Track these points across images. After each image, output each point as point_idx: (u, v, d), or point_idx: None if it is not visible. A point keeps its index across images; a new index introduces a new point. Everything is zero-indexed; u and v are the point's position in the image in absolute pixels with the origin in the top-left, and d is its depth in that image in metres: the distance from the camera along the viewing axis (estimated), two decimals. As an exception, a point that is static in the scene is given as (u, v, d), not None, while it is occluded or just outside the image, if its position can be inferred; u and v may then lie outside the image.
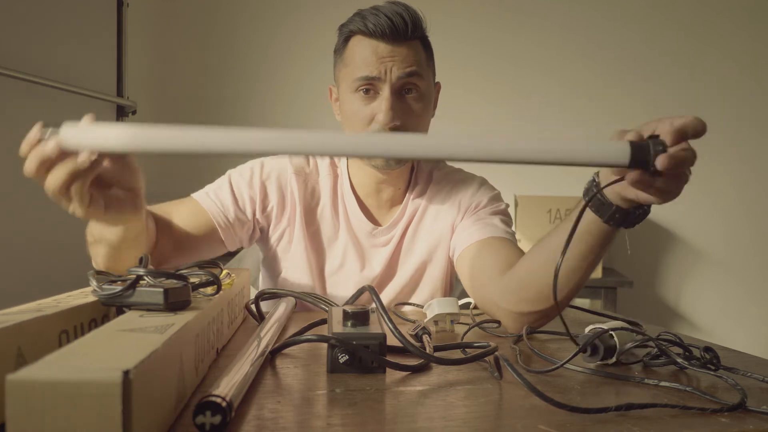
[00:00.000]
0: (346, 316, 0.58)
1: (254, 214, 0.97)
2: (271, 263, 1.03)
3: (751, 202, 2.46)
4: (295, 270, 1.00)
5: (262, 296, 0.79)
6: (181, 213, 0.93)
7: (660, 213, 2.49)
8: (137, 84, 2.22)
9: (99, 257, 0.75)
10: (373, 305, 0.64)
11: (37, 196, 1.80)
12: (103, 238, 0.72)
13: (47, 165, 0.56)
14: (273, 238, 1.00)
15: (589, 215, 0.65)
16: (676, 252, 2.51)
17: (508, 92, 2.51)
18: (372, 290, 0.67)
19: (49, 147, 0.55)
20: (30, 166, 0.57)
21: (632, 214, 0.63)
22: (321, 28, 2.58)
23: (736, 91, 2.47)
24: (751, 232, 2.47)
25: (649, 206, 0.63)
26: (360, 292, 0.80)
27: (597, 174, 0.65)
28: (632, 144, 0.53)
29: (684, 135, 0.55)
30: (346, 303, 0.82)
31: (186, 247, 0.92)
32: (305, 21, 2.55)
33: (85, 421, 0.29)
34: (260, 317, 0.75)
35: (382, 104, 0.88)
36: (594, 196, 0.63)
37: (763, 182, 2.46)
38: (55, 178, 0.56)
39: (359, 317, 0.58)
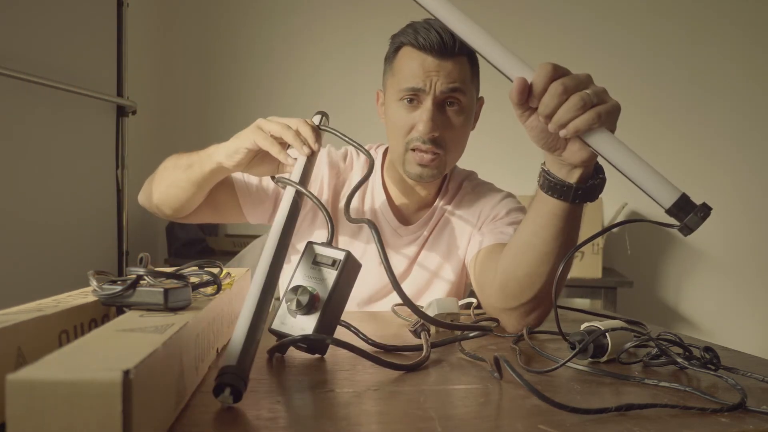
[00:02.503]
0: (290, 307, 0.57)
1: (277, 196, 1.00)
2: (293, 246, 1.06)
3: (751, 202, 2.46)
4: None
5: None
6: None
7: (660, 213, 2.49)
8: (137, 84, 2.22)
9: (174, 184, 0.90)
10: None
11: (37, 195, 1.81)
12: (202, 174, 0.86)
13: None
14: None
15: (552, 201, 0.68)
16: (676, 252, 2.51)
17: (507, 95, 2.51)
18: (371, 225, 0.65)
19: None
20: (290, 132, 0.73)
21: (593, 186, 0.67)
22: (322, 28, 2.58)
23: (736, 91, 2.47)
24: (750, 232, 2.47)
25: (603, 173, 0.68)
26: (364, 221, 0.76)
27: (544, 163, 0.69)
28: (682, 196, 0.57)
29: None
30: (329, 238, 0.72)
31: (211, 203, 0.97)
32: (306, 21, 2.56)
33: (85, 421, 0.29)
34: None
35: (423, 114, 0.91)
36: (558, 186, 0.67)
37: (763, 182, 2.47)
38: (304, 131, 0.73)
39: (303, 308, 0.57)
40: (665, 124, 2.49)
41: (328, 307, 0.58)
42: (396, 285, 0.61)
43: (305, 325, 0.57)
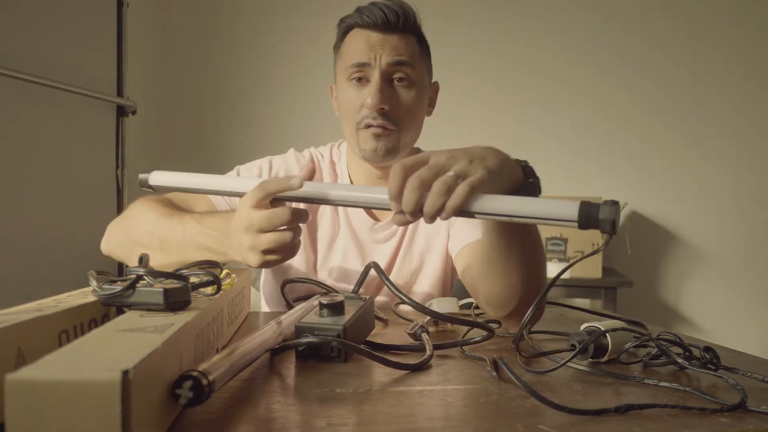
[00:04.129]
0: (322, 306, 0.61)
1: None
2: None
3: (751, 202, 2.46)
4: (297, 267, 1.01)
5: (285, 285, 0.84)
6: (198, 207, 0.94)
7: (660, 213, 2.49)
8: (137, 84, 2.22)
9: (159, 257, 0.81)
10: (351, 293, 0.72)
11: (37, 195, 1.80)
12: (185, 256, 0.78)
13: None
14: None
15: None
16: (676, 252, 2.51)
17: (507, 96, 2.51)
18: (376, 267, 0.71)
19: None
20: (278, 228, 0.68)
21: (531, 189, 0.64)
22: (322, 27, 2.57)
23: (736, 91, 2.47)
24: (750, 232, 2.46)
25: (531, 168, 0.65)
26: (366, 271, 0.79)
27: None
28: (582, 203, 0.55)
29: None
30: (355, 288, 0.81)
31: None
32: (306, 20, 2.55)
33: (84, 420, 0.29)
34: (288, 305, 0.80)
35: (371, 88, 0.90)
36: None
37: (762, 182, 2.46)
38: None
39: (334, 308, 0.60)
40: (665, 124, 2.49)
41: (354, 317, 0.60)
42: (414, 302, 0.66)
43: (332, 325, 0.58)
